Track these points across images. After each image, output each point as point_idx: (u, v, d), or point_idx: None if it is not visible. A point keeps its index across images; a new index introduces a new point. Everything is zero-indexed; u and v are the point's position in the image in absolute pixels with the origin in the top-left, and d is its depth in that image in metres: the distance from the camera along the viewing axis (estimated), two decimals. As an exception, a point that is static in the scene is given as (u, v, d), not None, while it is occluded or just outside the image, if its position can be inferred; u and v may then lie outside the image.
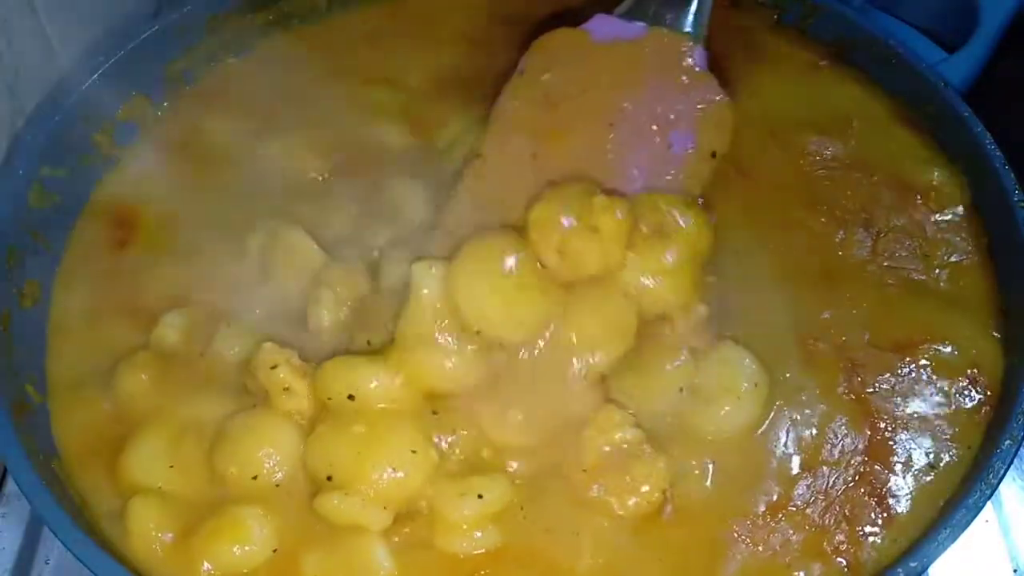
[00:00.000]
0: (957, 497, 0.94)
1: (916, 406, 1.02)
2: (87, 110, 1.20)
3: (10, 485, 1.17)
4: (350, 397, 0.96)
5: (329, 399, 0.97)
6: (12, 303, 1.07)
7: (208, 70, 1.32)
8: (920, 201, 1.16)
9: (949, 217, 1.15)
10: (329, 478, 0.93)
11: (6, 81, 1.20)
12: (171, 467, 0.98)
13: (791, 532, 0.95)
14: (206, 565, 0.93)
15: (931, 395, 1.03)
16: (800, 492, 0.97)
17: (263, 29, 1.35)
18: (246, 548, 0.93)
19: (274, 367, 0.98)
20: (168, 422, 1.01)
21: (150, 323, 1.08)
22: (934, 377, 1.04)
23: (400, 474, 0.93)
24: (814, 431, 1.00)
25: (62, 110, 1.17)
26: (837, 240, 1.14)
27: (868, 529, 0.95)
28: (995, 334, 1.06)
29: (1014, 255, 1.07)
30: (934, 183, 1.17)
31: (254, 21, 1.34)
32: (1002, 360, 1.04)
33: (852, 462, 0.99)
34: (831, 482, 0.98)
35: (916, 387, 1.03)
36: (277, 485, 0.96)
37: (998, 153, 1.11)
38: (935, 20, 1.44)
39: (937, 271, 1.12)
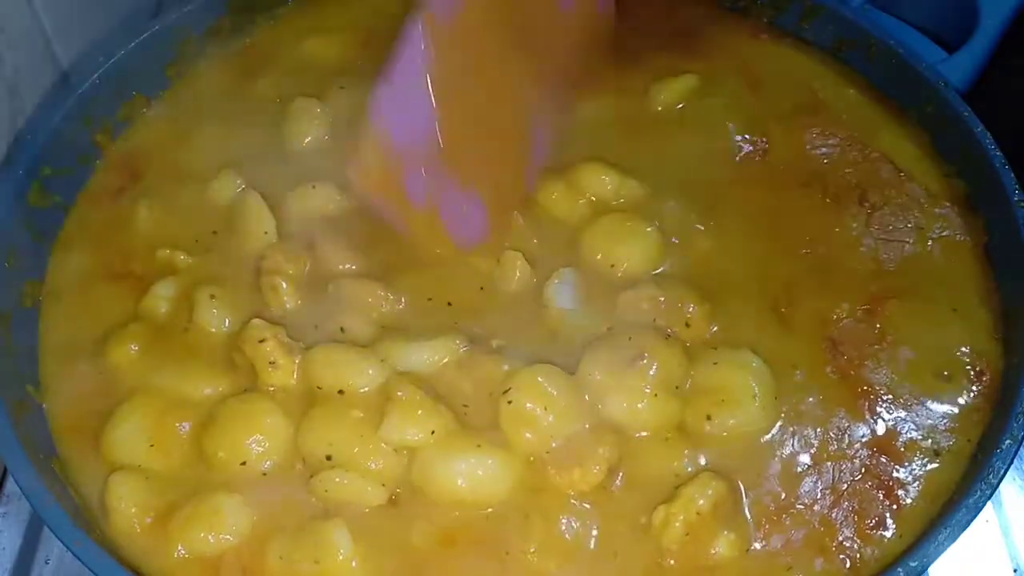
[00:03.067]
0: (957, 497, 0.94)
1: (909, 386, 1.02)
2: (87, 110, 1.20)
3: (10, 485, 1.17)
4: (340, 392, 0.98)
5: (319, 388, 0.99)
6: (13, 303, 1.07)
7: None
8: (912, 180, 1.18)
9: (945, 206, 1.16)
10: (329, 458, 0.95)
11: (6, 81, 1.20)
12: (151, 446, 0.99)
13: (793, 531, 0.95)
14: (180, 548, 0.94)
15: (923, 376, 1.03)
16: (806, 489, 0.97)
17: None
18: (221, 536, 0.94)
19: (262, 341, 1.00)
20: (152, 398, 1.01)
21: (141, 292, 1.09)
22: (926, 356, 1.04)
23: (402, 454, 0.96)
24: (818, 429, 1.00)
25: (62, 110, 1.17)
26: (832, 215, 1.15)
27: (877, 522, 0.95)
28: (994, 334, 1.06)
29: (1014, 255, 1.06)
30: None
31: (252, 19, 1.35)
32: (1002, 359, 1.04)
33: (859, 455, 0.99)
34: (837, 476, 0.98)
35: (906, 366, 1.04)
36: (264, 474, 0.97)
37: (998, 153, 1.11)
38: (935, 20, 1.43)
39: (930, 243, 1.13)
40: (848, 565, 0.93)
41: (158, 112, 1.28)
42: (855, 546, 0.94)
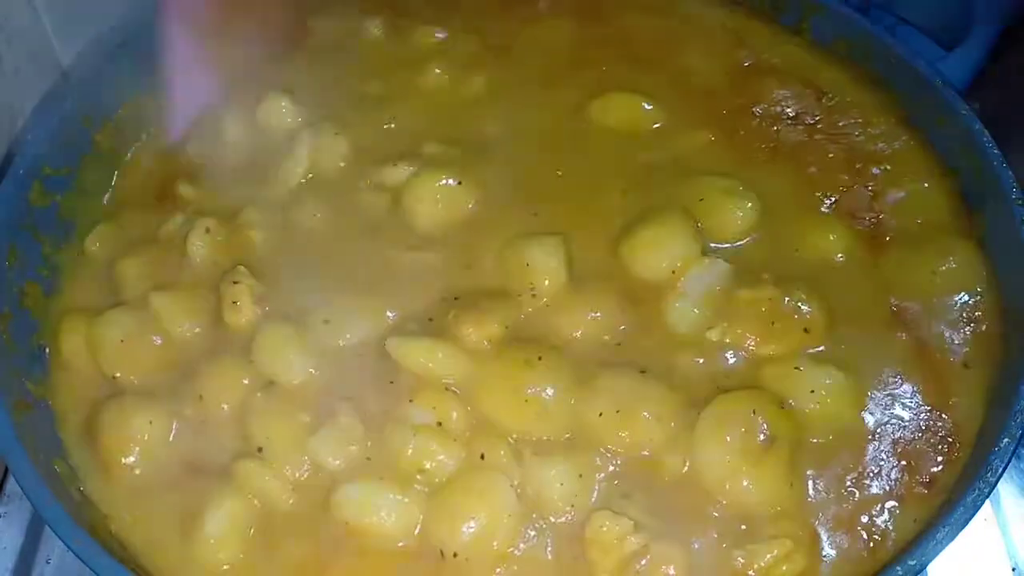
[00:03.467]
0: (956, 495, 0.94)
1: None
2: (88, 109, 1.20)
3: (11, 484, 1.17)
4: (271, 382, 1.01)
5: (251, 361, 1.02)
6: (13, 303, 1.07)
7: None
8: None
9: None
10: (260, 449, 0.97)
11: (7, 80, 1.20)
12: (121, 341, 1.05)
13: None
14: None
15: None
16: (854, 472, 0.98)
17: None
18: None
19: (235, 283, 1.06)
20: (142, 312, 1.07)
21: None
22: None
23: (335, 464, 0.96)
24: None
25: (63, 110, 1.17)
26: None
27: (932, 470, 0.97)
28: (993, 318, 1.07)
29: (1013, 253, 1.06)
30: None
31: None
32: (1001, 358, 1.04)
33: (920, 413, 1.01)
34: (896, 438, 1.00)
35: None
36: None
37: (996, 151, 1.10)
38: (933, 18, 1.44)
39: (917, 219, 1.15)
40: (871, 544, 0.94)
41: (158, 111, 1.28)
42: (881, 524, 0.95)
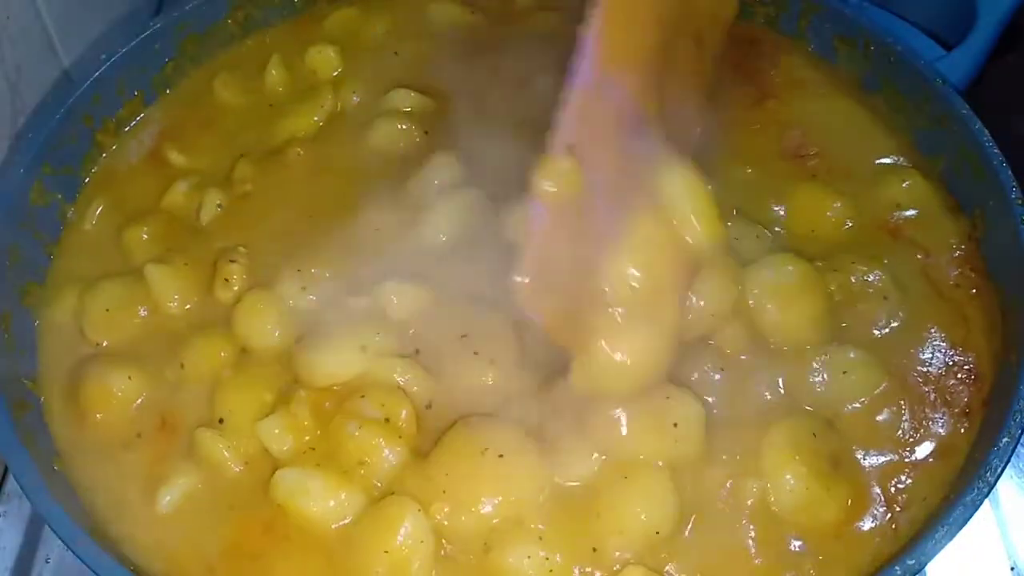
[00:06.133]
0: (954, 495, 0.93)
1: None
2: (89, 108, 1.20)
3: (10, 484, 1.17)
4: (243, 350, 1.04)
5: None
6: (13, 303, 1.08)
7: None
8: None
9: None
10: (221, 421, 0.99)
11: (8, 79, 1.21)
12: (107, 310, 1.07)
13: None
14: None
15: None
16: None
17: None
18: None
19: (232, 261, 1.08)
20: (138, 284, 1.09)
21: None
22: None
23: (284, 447, 0.97)
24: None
25: (64, 108, 1.17)
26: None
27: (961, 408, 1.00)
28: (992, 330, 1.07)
29: (1011, 253, 1.06)
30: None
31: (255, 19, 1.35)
32: (999, 357, 1.04)
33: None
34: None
35: None
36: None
37: (996, 151, 1.10)
38: (933, 18, 1.44)
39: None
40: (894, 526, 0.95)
41: (160, 111, 1.28)
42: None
